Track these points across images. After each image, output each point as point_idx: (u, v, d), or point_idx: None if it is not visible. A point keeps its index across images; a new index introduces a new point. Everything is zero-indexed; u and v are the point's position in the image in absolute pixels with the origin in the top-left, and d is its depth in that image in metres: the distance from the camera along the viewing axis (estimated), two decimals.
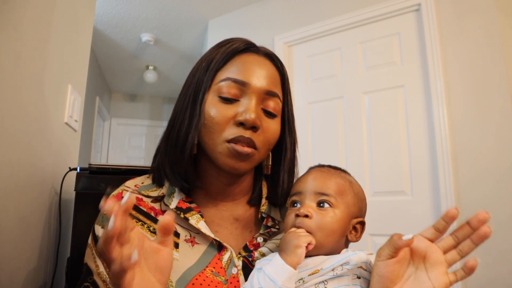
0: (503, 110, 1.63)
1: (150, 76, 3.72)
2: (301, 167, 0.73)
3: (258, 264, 0.58)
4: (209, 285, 0.58)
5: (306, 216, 0.57)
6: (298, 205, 0.61)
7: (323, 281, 0.54)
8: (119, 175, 0.97)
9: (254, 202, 0.72)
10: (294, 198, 0.62)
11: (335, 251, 0.58)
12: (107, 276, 0.62)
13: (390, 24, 2.05)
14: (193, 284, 0.58)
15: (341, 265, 0.55)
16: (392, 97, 1.98)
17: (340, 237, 0.59)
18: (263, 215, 0.68)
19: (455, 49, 1.80)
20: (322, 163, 0.69)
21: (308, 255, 0.57)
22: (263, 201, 0.70)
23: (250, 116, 0.59)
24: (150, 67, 3.76)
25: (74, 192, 0.96)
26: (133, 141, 4.57)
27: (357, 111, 2.07)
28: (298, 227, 0.57)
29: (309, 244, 0.54)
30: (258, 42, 0.70)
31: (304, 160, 2.19)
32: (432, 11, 1.87)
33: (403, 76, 1.96)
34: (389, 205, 1.88)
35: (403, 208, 1.85)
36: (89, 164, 0.98)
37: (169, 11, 2.72)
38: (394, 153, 1.92)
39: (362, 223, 0.62)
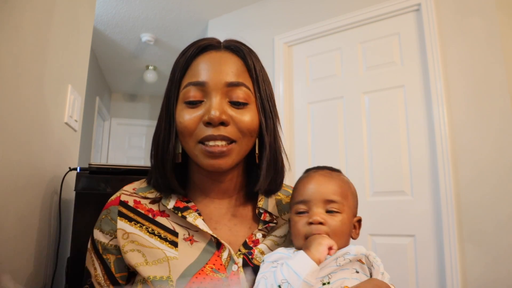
0: (503, 110, 1.63)
1: (150, 76, 3.72)
2: (301, 167, 0.73)
3: (268, 257, 0.60)
4: (209, 282, 0.59)
5: (320, 223, 0.60)
6: (305, 213, 0.63)
7: (327, 275, 0.57)
8: (119, 175, 0.97)
9: (251, 196, 0.72)
10: (300, 206, 0.63)
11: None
12: (102, 278, 0.64)
13: (390, 24, 2.05)
14: (193, 282, 0.58)
15: (343, 255, 0.58)
16: (392, 97, 1.98)
17: (348, 237, 0.63)
18: (261, 210, 0.69)
19: (455, 49, 1.80)
20: (317, 165, 0.71)
21: None
22: (260, 196, 0.71)
23: (215, 114, 0.60)
24: (150, 67, 3.76)
25: (74, 192, 0.96)
26: (133, 141, 4.57)
27: (357, 111, 2.07)
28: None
29: (332, 249, 0.57)
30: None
31: (304, 160, 2.19)
32: (432, 11, 1.87)
33: (403, 76, 1.96)
34: (389, 205, 1.88)
35: (403, 208, 1.85)
36: (89, 164, 0.98)
37: (169, 11, 2.72)
38: (394, 153, 1.92)
39: (359, 220, 0.67)
